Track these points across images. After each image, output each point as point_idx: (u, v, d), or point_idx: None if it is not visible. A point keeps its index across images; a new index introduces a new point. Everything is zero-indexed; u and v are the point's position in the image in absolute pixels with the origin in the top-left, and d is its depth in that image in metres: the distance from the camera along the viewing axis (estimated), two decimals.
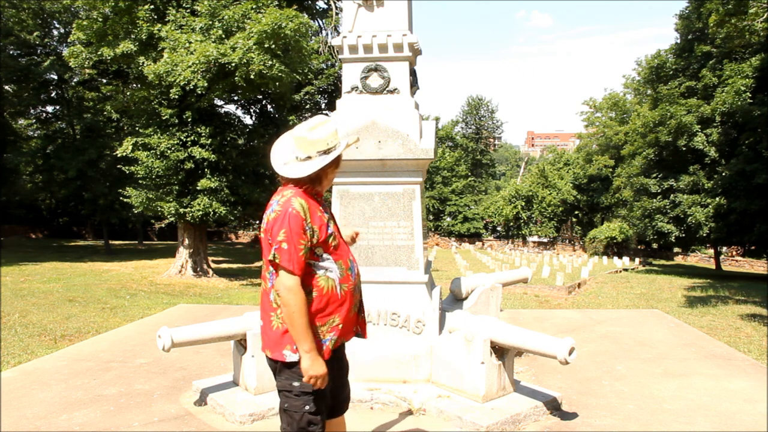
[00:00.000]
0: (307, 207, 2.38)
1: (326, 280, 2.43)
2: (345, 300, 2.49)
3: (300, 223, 2.34)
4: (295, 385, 2.40)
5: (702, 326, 8.56)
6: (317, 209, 2.46)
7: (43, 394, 4.68)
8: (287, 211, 2.35)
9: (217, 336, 4.39)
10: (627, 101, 47.11)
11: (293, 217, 2.33)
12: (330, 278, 2.44)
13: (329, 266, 2.45)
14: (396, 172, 4.52)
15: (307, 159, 2.46)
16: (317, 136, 2.45)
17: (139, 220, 30.88)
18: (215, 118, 16.29)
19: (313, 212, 2.41)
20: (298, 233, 2.33)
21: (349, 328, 2.56)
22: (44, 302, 10.21)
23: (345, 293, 2.49)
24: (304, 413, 2.40)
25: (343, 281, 2.48)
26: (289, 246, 2.32)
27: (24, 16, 23.84)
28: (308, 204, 2.41)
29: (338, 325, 2.47)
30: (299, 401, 2.40)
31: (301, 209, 2.36)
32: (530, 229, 53.77)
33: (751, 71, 20.29)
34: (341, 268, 2.49)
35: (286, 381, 2.43)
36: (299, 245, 2.34)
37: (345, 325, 2.51)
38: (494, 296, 5.07)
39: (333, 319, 2.46)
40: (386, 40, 4.54)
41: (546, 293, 14.15)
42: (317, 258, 2.42)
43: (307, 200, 2.42)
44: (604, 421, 4.10)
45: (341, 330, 2.49)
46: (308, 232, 2.36)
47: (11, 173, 28.43)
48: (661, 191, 23.42)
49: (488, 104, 73.01)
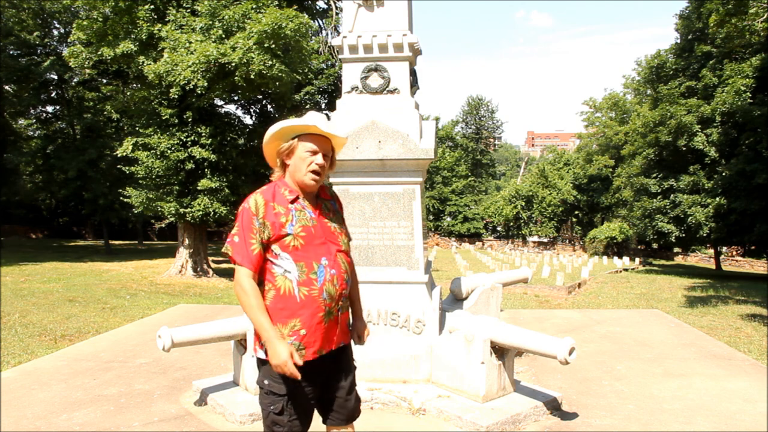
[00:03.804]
0: (262, 203, 2.38)
1: (284, 280, 2.37)
2: (305, 305, 2.35)
3: (250, 218, 2.35)
4: (265, 383, 2.40)
5: (702, 326, 8.56)
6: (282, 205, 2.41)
7: (43, 394, 4.68)
8: (242, 206, 2.41)
9: (217, 336, 4.39)
10: (627, 101, 47.15)
11: (244, 212, 2.38)
12: (287, 279, 2.36)
13: (287, 266, 2.37)
14: (396, 172, 4.51)
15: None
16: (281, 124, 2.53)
17: (139, 220, 30.91)
18: (215, 118, 16.29)
19: (269, 208, 2.39)
20: (248, 227, 2.35)
21: (318, 337, 2.39)
22: (44, 302, 10.21)
23: (305, 297, 2.35)
24: (269, 413, 2.39)
25: (302, 284, 2.35)
26: (240, 239, 2.36)
27: (24, 16, 23.85)
28: (266, 200, 2.40)
29: (299, 331, 2.34)
30: (266, 400, 2.40)
31: (254, 204, 2.38)
32: (530, 229, 53.78)
33: (751, 71, 20.28)
34: (301, 270, 2.36)
35: (261, 377, 2.44)
36: (250, 239, 2.34)
37: (310, 334, 2.36)
38: (494, 296, 5.06)
39: (293, 323, 2.35)
40: (386, 40, 4.54)
41: (546, 293, 14.15)
42: (275, 256, 2.37)
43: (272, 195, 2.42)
44: (604, 421, 4.10)
45: (305, 337, 2.35)
46: (257, 227, 2.35)
47: (11, 173, 28.48)
48: (661, 191, 23.41)
49: (488, 104, 73.14)
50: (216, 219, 16.01)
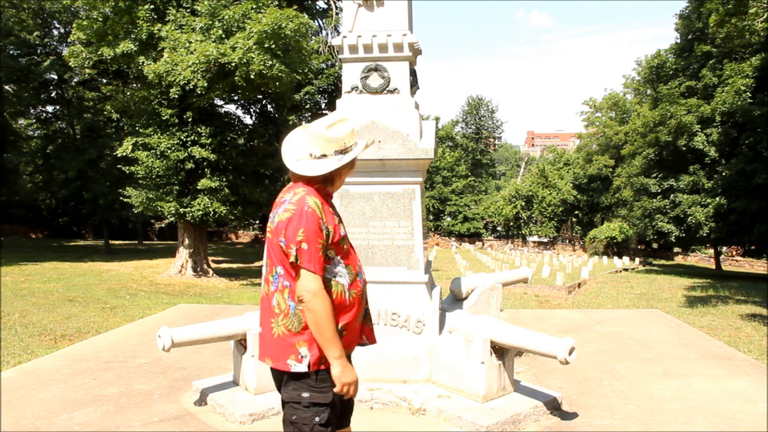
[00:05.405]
0: (321, 205, 2.27)
1: (336, 284, 2.30)
2: (352, 307, 2.36)
3: (317, 222, 2.21)
4: (305, 396, 2.27)
5: (702, 326, 8.55)
6: (329, 210, 2.34)
7: (43, 394, 4.68)
8: (302, 209, 2.21)
9: (217, 336, 4.39)
10: (627, 101, 47.14)
11: (310, 216, 2.20)
12: (339, 283, 2.31)
13: (340, 270, 2.32)
14: (396, 172, 4.51)
15: (322, 157, 2.32)
16: (335, 135, 2.31)
17: (139, 220, 30.87)
18: (215, 118, 16.30)
19: (327, 212, 2.30)
20: (316, 232, 2.20)
21: (352, 338, 2.42)
22: (44, 302, 10.20)
23: (353, 299, 2.36)
24: (314, 425, 2.26)
25: (351, 287, 2.36)
26: (310, 246, 2.18)
27: (24, 16, 23.84)
28: (322, 201, 2.30)
29: (342, 333, 2.34)
30: (309, 413, 2.27)
31: (317, 207, 2.23)
32: (530, 229, 53.76)
33: (751, 71, 20.28)
34: (351, 273, 2.37)
35: (294, 392, 2.29)
36: (318, 245, 2.21)
37: (349, 334, 2.38)
38: (494, 296, 5.06)
39: (340, 327, 2.33)
40: (386, 40, 4.54)
41: (546, 293, 14.14)
42: (329, 261, 2.29)
43: (320, 199, 2.31)
44: (604, 421, 4.10)
45: (345, 338, 2.35)
46: (324, 232, 2.23)
47: (11, 173, 28.47)
48: (661, 191, 23.41)
49: (488, 104, 73.08)
50: (216, 219, 16.01)
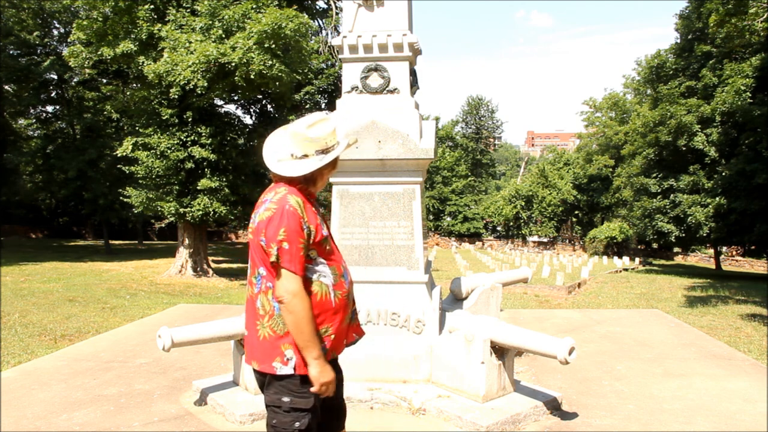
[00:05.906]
0: (303, 204, 2.24)
1: (319, 285, 2.26)
2: (339, 309, 2.33)
3: (298, 221, 2.18)
4: (285, 400, 2.23)
5: (702, 326, 8.56)
6: (311, 209, 2.31)
7: (43, 394, 4.68)
8: (284, 208, 2.18)
9: (217, 336, 4.38)
10: (627, 101, 47.16)
11: (291, 215, 2.17)
12: (323, 283, 2.27)
13: (323, 270, 2.28)
14: (396, 172, 4.51)
15: (303, 157, 2.30)
16: (316, 134, 2.30)
17: (139, 220, 30.87)
18: (215, 118, 16.30)
19: (309, 211, 2.26)
20: (297, 231, 2.17)
21: (340, 340, 2.39)
22: (44, 302, 10.20)
23: (339, 301, 2.32)
24: (294, 430, 2.23)
25: (336, 288, 2.32)
26: (291, 245, 2.15)
27: (24, 16, 23.83)
28: (304, 200, 2.27)
29: (330, 335, 2.30)
30: (289, 417, 2.23)
31: (298, 207, 2.21)
32: (530, 229, 53.77)
33: (751, 71, 20.28)
34: (335, 273, 2.32)
35: (275, 396, 2.26)
36: (300, 244, 2.17)
37: (337, 337, 2.34)
38: (494, 296, 5.06)
39: (325, 329, 2.29)
40: (386, 39, 4.54)
41: (546, 293, 14.14)
42: (311, 261, 2.25)
43: (302, 198, 2.28)
44: (604, 421, 4.10)
45: (333, 341, 2.32)
46: (305, 231, 2.20)
47: (11, 173, 28.46)
48: (661, 191, 23.42)
49: (488, 104, 73.10)
50: (216, 219, 16.02)
